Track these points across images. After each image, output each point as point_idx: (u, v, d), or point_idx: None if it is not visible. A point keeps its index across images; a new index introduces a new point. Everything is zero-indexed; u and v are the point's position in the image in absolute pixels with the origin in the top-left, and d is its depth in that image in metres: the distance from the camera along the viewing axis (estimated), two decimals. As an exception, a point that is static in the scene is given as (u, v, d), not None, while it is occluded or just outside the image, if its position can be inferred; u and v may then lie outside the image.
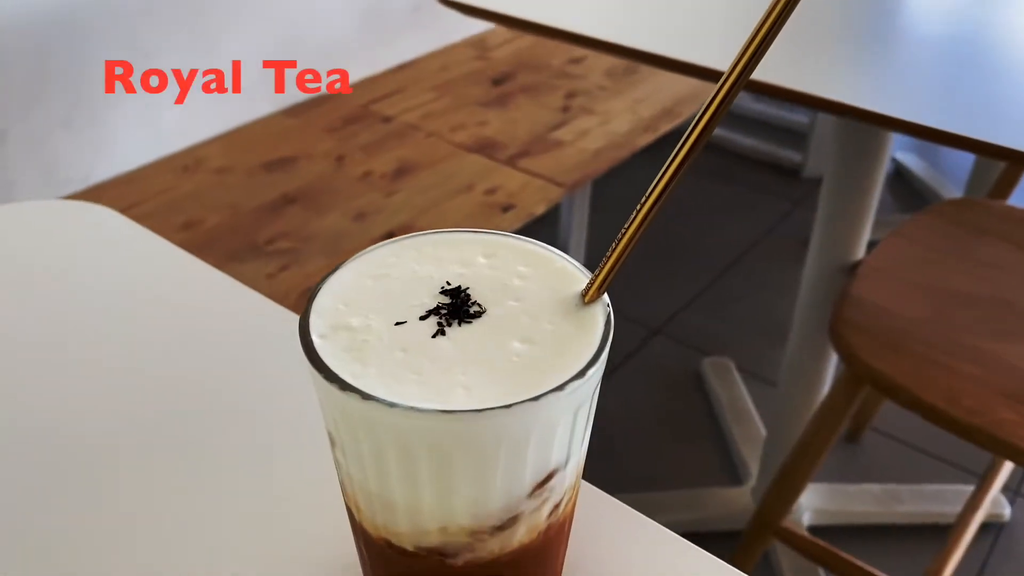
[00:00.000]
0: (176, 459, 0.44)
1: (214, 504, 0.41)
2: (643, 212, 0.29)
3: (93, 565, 0.38)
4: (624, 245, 0.30)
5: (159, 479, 0.43)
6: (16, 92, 1.16)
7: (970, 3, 1.17)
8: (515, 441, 0.27)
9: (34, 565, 0.38)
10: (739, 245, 2.07)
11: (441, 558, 0.30)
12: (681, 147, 0.29)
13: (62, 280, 0.56)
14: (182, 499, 0.42)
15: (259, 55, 1.43)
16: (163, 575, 0.38)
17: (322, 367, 0.27)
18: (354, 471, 0.29)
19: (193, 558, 0.39)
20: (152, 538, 0.40)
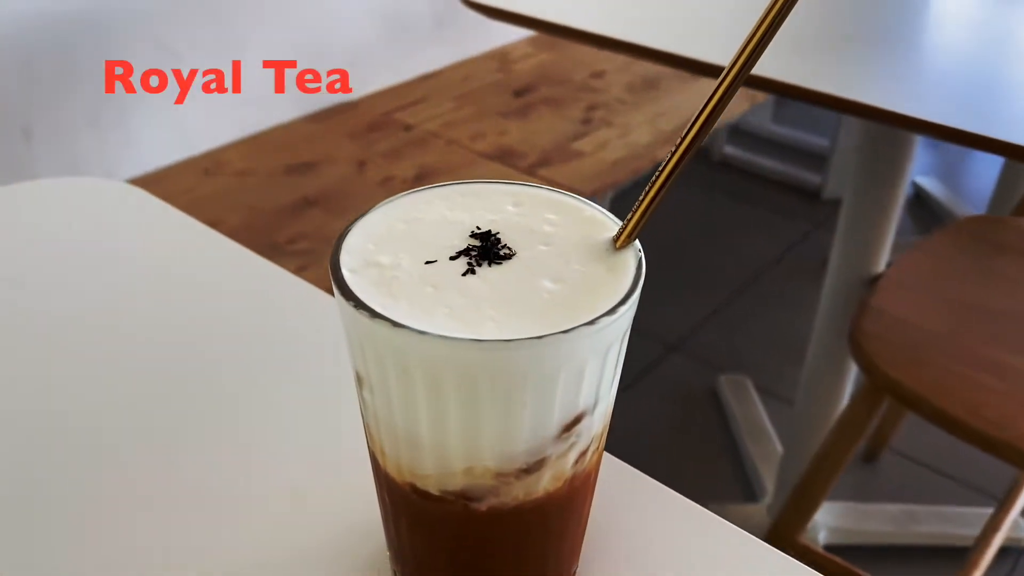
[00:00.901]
0: (198, 429, 0.44)
1: (241, 471, 0.41)
2: (676, 155, 0.29)
3: (132, 531, 0.38)
4: (656, 190, 0.30)
5: (182, 447, 0.43)
6: (43, 90, 1.17)
7: (995, 13, 1.17)
8: (544, 376, 0.26)
9: (72, 521, 0.39)
10: (758, 264, 2.07)
11: (465, 503, 0.30)
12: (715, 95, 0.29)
13: (88, 254, 0.57)
14: (208, 466, 0.42)
15: (284, 64, 1.44)
16: (195, 535, 0.38)
17: (352, 297, 0.27)
18: (381, 409, 0.29)
19: (221, 524, 0.38)
20: (177, 503, 0.40)
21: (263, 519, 0.39)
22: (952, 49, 1.06)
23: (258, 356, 0.48)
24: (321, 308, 0.51)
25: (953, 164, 2.61)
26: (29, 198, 0.63)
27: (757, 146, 2.50)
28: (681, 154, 0.29)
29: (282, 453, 0.42)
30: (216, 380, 0.47)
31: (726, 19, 1.05)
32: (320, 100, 1.50)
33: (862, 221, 1.21)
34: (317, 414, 0.44)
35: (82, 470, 0.41)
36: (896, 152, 1.15)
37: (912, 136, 1.17)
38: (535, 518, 0.30)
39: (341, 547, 0.37)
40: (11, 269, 0.55)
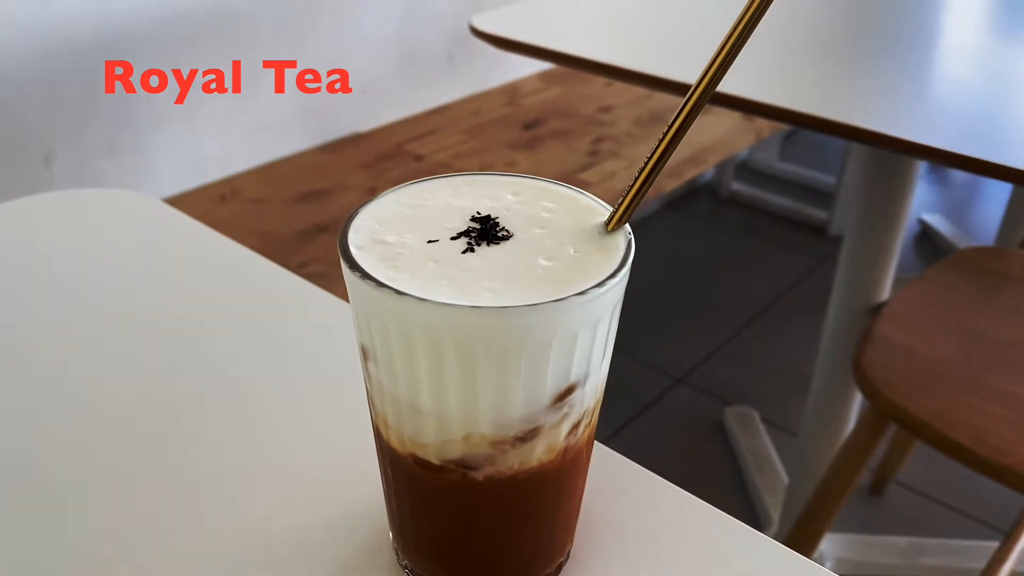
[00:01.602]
0: (211, 418, 0.46)
1: (248, 460, 0.43)
2: (663, 144, 0.31)
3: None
4: (645, 177, 0.32)
5: (197, 436, 0.44)
6: (64, 116, 1.21)
7: (998, 45, 1.20)
8: (537, 344, 0.28)
9: (91, 503, 0.40)
10: (764, 298, 2.08)
11: (464, 472, 0.31)
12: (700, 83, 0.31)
13: (106, 263, 0.59)
14: (217, 454, 0.43)
15: (298, 95, 1.48)
16: (202, 517, 0.39)
17: (358, 269, 0.29)
18: (385, 380, 0.31)
19: (230, 509, 0.40)
20: (188, 488, 0.41)
21: (269, 504, 0.40)
22: (957, 81, 1.08)
23: (268, 353, 0.50)
24: (329, 310, 0.53)
25: (959, 201, 2.63)
26: (54, 208, 0.65)
27: (764, 183, 2.53)
28: (669, 140, 0.31)
29: (287, 443, 0.44)
30: (226, 373, 0.48)
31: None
32: (333, 131, 1.53)
33: (865, 249, 1.23)
34: (323, 405, 0.46)
35: (95, 454, 0.43)
36: (898, 181, 1.17)
37: (914, 164, 1.19)
38: (530, 488, 0.32)
39: (344, 530, 0.39)
40: (42, 274, 0.57)
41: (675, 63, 0.99)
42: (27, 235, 0.62)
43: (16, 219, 0.64)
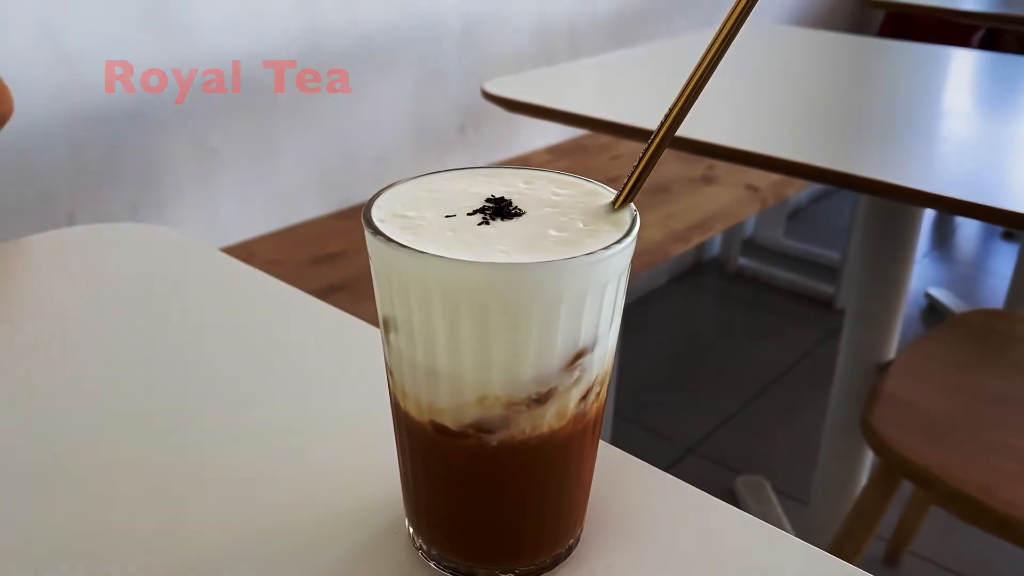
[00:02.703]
0: (235, 417, 0.47)
1: (270, 455, 0.44)
2: (665, 126, 0.34)
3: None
4: (648, 159, 0.34)
5: (222, 433, 0.46)
6: (87, 179, 1.25)
7: (996, 108, 1.24)
8: (547, 302, 0.30)
9: (115, 496, 0.42)
10: (774, 370, 2.08)
11: (479, 436, 0.33)
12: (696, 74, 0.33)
13: (136, 294, 0.61)
14: (241, 449, 0.45)
15: (318, 165, 1.53)
16: (227, 508, 0.41)
17: (381, 234, 0.31)
18: (404, 346, 0.32)
19: (252, 500, 0.41)
20: (213, 480, 0.43)
21: (289, 495, 0.41)
22: (960, 137, 1.12)
23: (288, 362, 0.52)
24: (346, 331, 0.55)
25: (965, 277, 2.65)
26: (92, 240, 0.68)
27: (770, 258, 2.56)
28: (671, 122, 0.34)
29: (306, 439, 0.45)
30: (248, 381, 0.50)
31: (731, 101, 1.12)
32: (347, 198, 1.57)
33: (871, 303, 1.25)
34: (340, 409, 0.47)
35: (125, 452, 0.44)
36: (902, 229, 1.20)
37: (917, 213, 1.22)
38: (542, 455, 0.33)
39: (360, 518, 0.40)
40: (79, 302, 0.60)
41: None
42: (65, 263, 0.65)
43: (53, 249, 0.67)
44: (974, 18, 2.33)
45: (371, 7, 1.51)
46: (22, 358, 0.52)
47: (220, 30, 1.33)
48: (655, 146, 0.34)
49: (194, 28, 1.30)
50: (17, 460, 0.44)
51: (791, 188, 1.81)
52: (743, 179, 1.77)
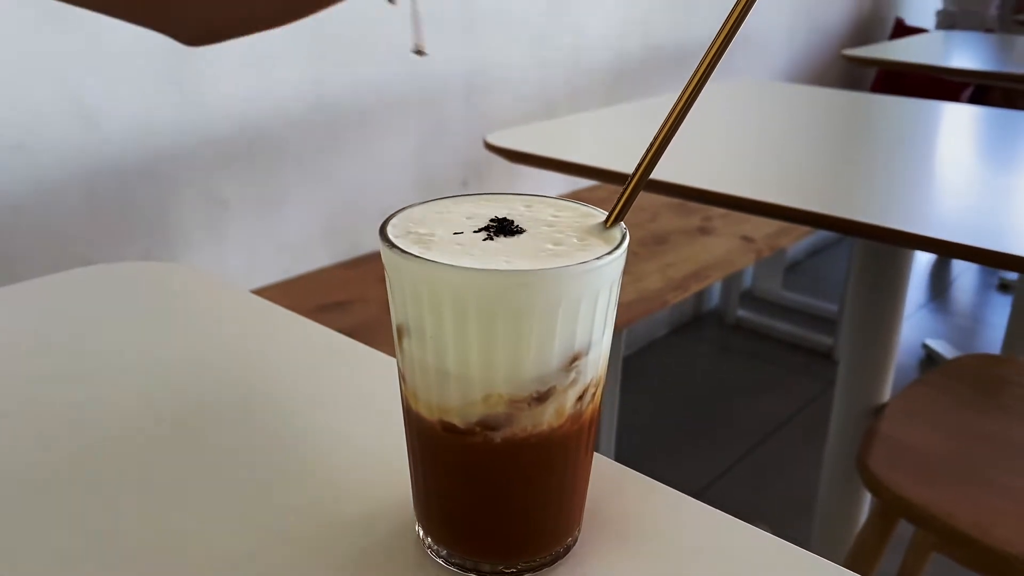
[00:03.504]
0: (257, 429, 0.50)
1: (286, 465, 0.47)
2: (652, 149, 0.37)
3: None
4: (636, 181, 0.37)
5: (244, 443, 0.49)
6: (103, 228, 1.29)
7: (987, 157, 1.28)
8: (545, 306, 0.33)
9: (137, 501, 0.44)
10: (773, 420, 2.10)
11: (485, 433, 0.35)
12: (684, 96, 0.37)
13: (154, 333, 0.65)
14: (260, 458, 0.48)
15: (322, 216, 1.57)
16: (244, 512, 0.43)
17: (396, 248, 0.34)
18: (416, 351, 0.36)
19: (269, 506, 0.44)
20: (231, 485, 0.45)
21: (303, 501, 0.44)
22: (953, 185, 1.16)
23: (309, 383, 0.55)
24: (356, 357, 0.59)
25: (962, 329, 2.68)
26: (106, 280, 0.72)
27: (769, 310, 2.59)
28: (655, 151, 0.37)
29: (321, 450, 0.48)
30: (270, 396, 0.53)
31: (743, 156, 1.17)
32: (353, 248, 1.62)
33: (865, 346, 1.27)
34: (354, 424, 0.50)
35: (139, 459, 0.47)
36: (893, 274, 1.23)
37: (907, 257, 1.25)
38: (542, 452, 0.36)
39: (373, 521, 0.42)
40: (97, 343, 0.63)
41: (678, 171, 1.06)
42: (84, 303, 0.68)
43: (72, 288, 0.70)
44: (962, 75, 2.40)
45: (377, 65, 1.57)
46: (60, 384, 0.55)
47: (232, 87, 1.38)
48: (644, 167, 0.37)
49: (207, 86, 1.35)
50: (43, 479, 0.47)
51: (786, 238, 1.85)
52: (739, 230, 1.82)
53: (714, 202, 1.03)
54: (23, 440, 0.49)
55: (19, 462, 0.47)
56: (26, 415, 0.52)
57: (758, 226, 1.82)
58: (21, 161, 1.19)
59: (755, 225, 1.82)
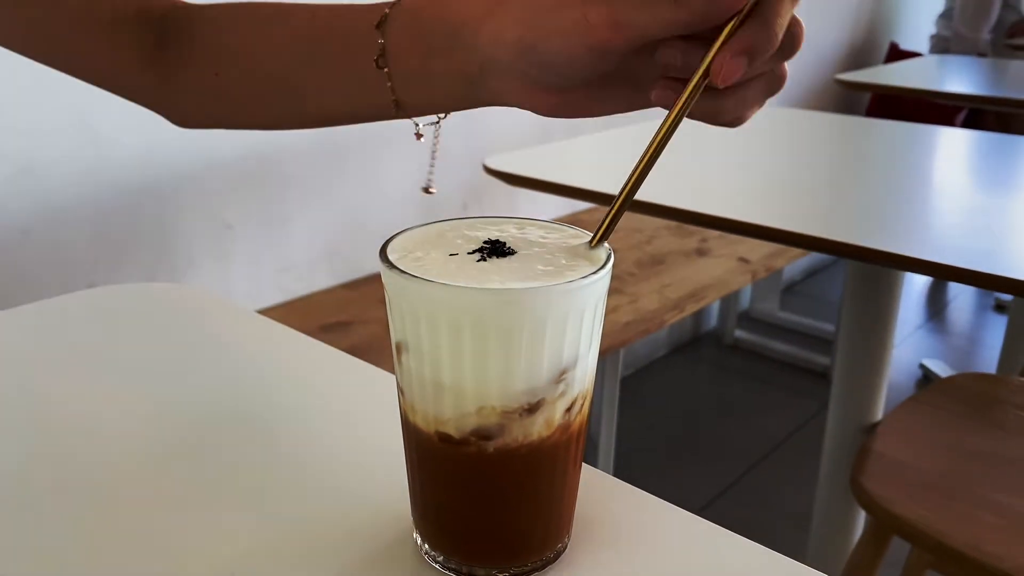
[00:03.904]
0: (261, 442, 0.52)
1: (291, 477, 0.49)
2: (636, 173, 0.40)
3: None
4: (619, 204, 0.40)
5: (249, 456, 0.51)
6: (109, 249, 1.32)
7: (981, 181, 1.31)
8: (534, 322, 0.36)
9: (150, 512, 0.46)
10: (771, 440, 2.12)
11: (479, 443, 0.38)
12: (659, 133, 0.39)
13: (166, 354, 0.67)
14: (266, 471, 0.50)
15: (324, 239, 1.60)
16: (249, 522, 0.46)
17: (396, 268, 0.37)
18: (414, 365, 0.38)
19: (273, 516, 0.46)
20: (237, 498, 0.48)
21: (307, 510, 0.46)
22: (947, 209, 1.18)
23: (311, 399, 0.57)
24: (358, 374, 0.61)
25: (959, 349, 2.70)
26: (118, 300, 0.74)
27: (766, 331, 2.61)
28: (637, 176, 0.40)
29: (323, 461, 0.50)
30: (274, 411, 0.55)
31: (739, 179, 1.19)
32: (354, 270, 1.64)
33: (857, 364, 1.29)
34: (356, 437, 0.53)
35: (148, 472, 0.49)
36: (884, 294, 1.25)
37: (898, 278, 1.28)
38: (533, 460, 0.38)
39: (372, 529, 0.44)
40: (103, 362, 0.65)
41: (674, 194, 1.09)
42: (93, 323, 0.71)
43: (82, 309, 0.72)
44: (956, 99, 2.44)
45: (379, 91, 1.60)
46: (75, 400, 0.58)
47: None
48: (628, 188, 0.40)
49: (213, 110, 1.38)
50: (50, 492, 0.49)
51: (782, 260, 1.88)
52: (735, 251, 1.84)
53: (710, 225, 1.06)
54: (29, 456, 0.52)
55: (26, 477, 0.49)
56: (33, 433, 0.54)
57: (754, 248, 1.84)
58: (30, 184, 1.22)
59: (751, 247, 1.84)
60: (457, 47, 0.45)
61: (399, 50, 0.48)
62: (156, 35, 0.57)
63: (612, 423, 1.81)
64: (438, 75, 0.47)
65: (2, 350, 0.65)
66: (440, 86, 0.48)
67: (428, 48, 0.47)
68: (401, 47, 0.48)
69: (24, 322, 0.69)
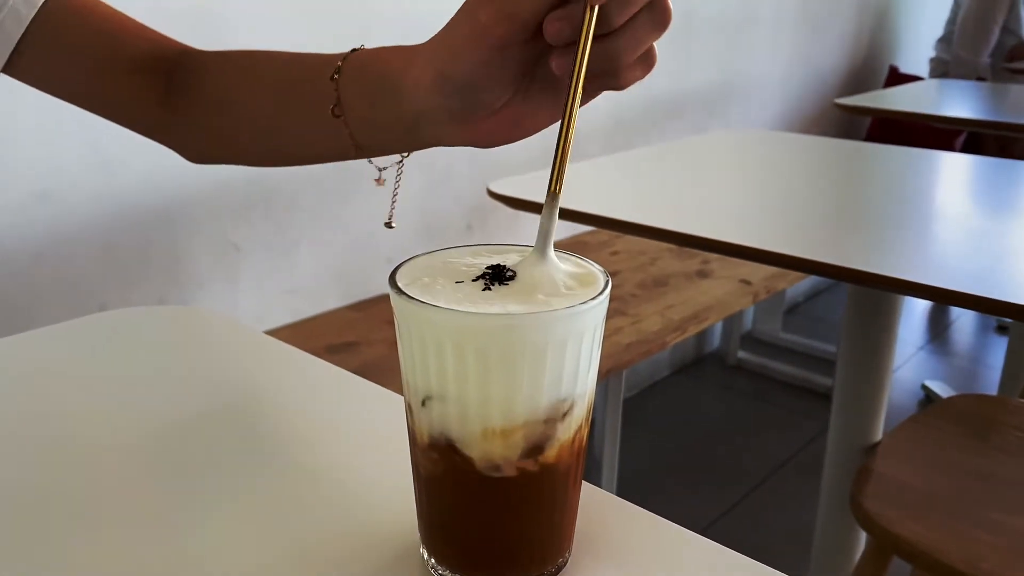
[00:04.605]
0: (274, 454, 0.54)
1: (300, 486, 0.51)
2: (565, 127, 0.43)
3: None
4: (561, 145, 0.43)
5: (262, 465, 0.53)
6: (119, 272, 1.34)
7: (982, 206, 1.33)
8: (535, 347, 0.38)
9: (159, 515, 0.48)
10: (774, 460, 2.13)
11: (482, 462, 0.40)
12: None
13: (176, 377, 0.69)
14: (277, 480, 0.52)
15: (331, 261, 1.62)
16: (261, 528, 0.47)
17: (405, 294, 0.39)
18: (421, 385, 0.40)
19: (283, 523, 0.48)
20: (251, 505, 0.49)
21: (316, 526, 0.48)
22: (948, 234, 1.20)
23: (320, 418, 0.59)
24: (365, 397, 0.63)
25: (960, 370, 2.71)
26: (127, 323, 0.76)
27: (769, 352, 2.63)
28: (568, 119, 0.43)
29: (333, 479, 0.52)
30: (282, 429, 0.57)
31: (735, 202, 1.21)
32: (361, 291, 1.66)
33: (858, 388, 1.31)
34: (363, 455, 0.54)
35: (157, 487, 0.51)
36: (883, 315, 1.27)
37: (897, 300, 1.29)
38: (534, 481, 0.40)
39: (380, 544, 0.46)
40: (112, 386, 0.67)
41: (677, 219, 1.11)
42: (103, 347, 0.73)
43: (92, 333, 0.75)
44: (956, 123, 2.46)
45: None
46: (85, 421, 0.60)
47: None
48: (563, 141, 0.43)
49: (223, 135, 1.41)
50: (70, 517, 0.51)
51: (782, 282, 1.89)
52: (737, 273, 1.86)
53: (712, 249, 1.08)
54: (40, 477, 0.54)
55: (38, 497, 0.51)
56: (45, 455, 0.56)
57: (756, 269, 1.86)
58: (44, 210, 1.25)
59: (753, 269, 1.86)
60: (392, 99, 0.49)
61: (350, 100, 0.52)
62: (167, 80, 0.63)
63: (615, 444, 1.83)
64: (383, 124, 0.52)
65: (14, 374, 0.67)
66: (387, 133, 0.52)
67: (372, 99, 0.51)
68: (352, 97, 0.52)
69: (36, 346, 0.71)
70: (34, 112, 1.20)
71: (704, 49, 2.45)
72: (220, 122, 0.61)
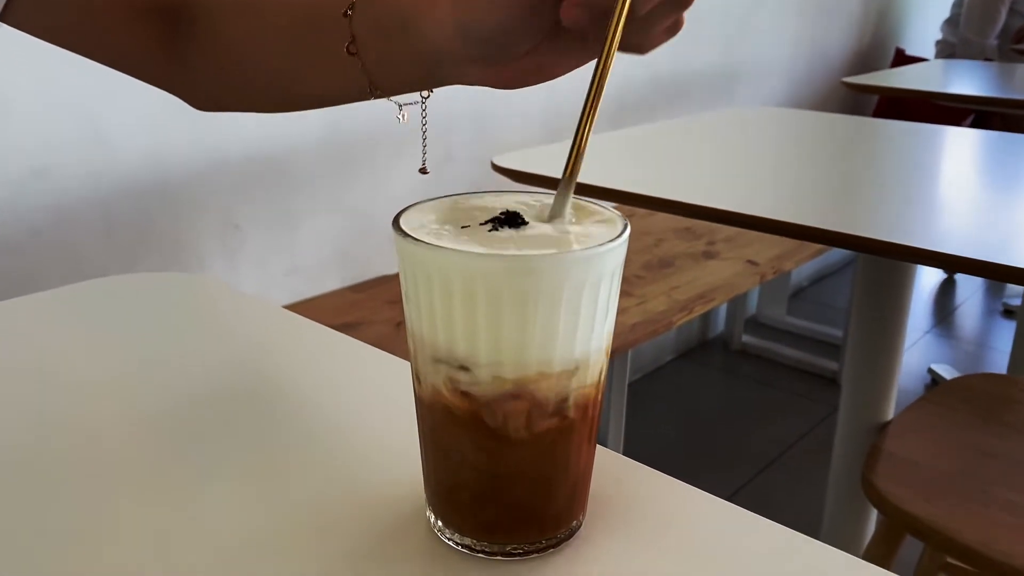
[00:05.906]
0: (285, 427, 0.52)
1: (310, 455, 0.49)
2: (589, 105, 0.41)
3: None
4: (581, 132, 0.40)
5: (273, 437, 0.51)
6: (119, 250, 1.32)
7: (990, 177, 1.30)
8: (550, 291, 0.35)
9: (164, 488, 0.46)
10: (780, 445, 2.11)
11: (491, 417, 0.37)
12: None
13: (180, 343, 0.67)
14: (288, 449, 0.50)
15: (332, 241, 1.60)
16: (275, 495, 0.45)
17: (410, 237, 0.36)
18: (428, 337, 0.38)
19: (291, 491, 0.46)
20: (265, 473, 0.47)
21: (324, 488, 0.46)
22: (956, 203, 1.18)
23: (325, 384, 0.57)
24: (371, 361, 0.61)
25: (967, 354, 2.68)
26: (138, 288, 0.74)
27: (774, 336, 2.61)
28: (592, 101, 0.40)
29: (340, 442, 0.50)
30: (288, 393, 0.55)
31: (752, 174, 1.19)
32: (363, 272, 1.64)
33: (869, 366, 1.29)
34: (369, 418, 0.52)
35: (169, 448, 0.49)
36: (896, 290, 1.25)
37: (909, 272, 1.27)
38: (547, 438, 0.38)
39: (386, 507, 0.44)
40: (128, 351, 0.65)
41: (686, 192, 1.09)
42: (106, 312, 0.71)
43: (97, 296, 0.72)
44: (962, 101, 2.44)
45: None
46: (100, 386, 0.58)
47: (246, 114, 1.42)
48: (586, 120, 0.40)
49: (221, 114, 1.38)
50: (76, 479, 0.49)
51: (789, 262, 1.87)
52: (743, 254, 1.84)
53: (723, 220, 1.05)
54: (45, 439, 0.52)
55: (42, 460, 0.49)
56: (49, 416, 0.54)
57: (762, 250, 1.84)
58: (43, 186, 1.22)
59: (759, 249, 1.84)
60: (410, 37, 0.47)
61: (365, 37, 0.50)
62: (171, 25, 0.60)
63: (620, 427, 1.81)
64: (401, 61, 0.50)
65: (19, 335, 0.65)
66: (405, 71, 0.51)
67: (388, 37, 0.49)
68: (367, 33, 0.50)
69: (32, 310, 0.69)
70: (32, 87, 1.18)
71: (711, 31, 2.42)
72: (230, 66, 0.58)
